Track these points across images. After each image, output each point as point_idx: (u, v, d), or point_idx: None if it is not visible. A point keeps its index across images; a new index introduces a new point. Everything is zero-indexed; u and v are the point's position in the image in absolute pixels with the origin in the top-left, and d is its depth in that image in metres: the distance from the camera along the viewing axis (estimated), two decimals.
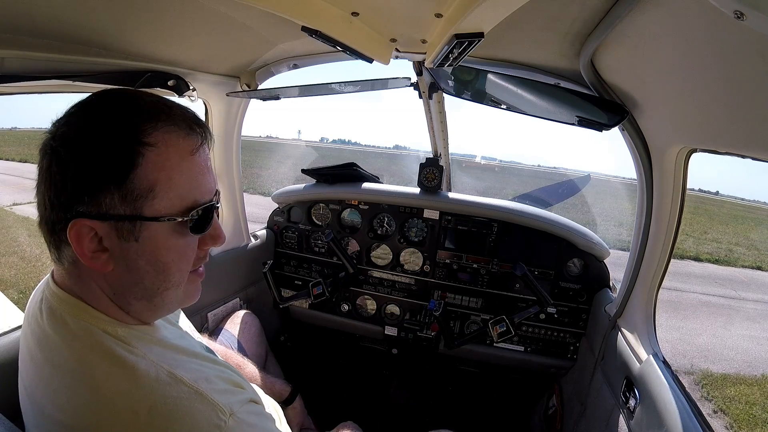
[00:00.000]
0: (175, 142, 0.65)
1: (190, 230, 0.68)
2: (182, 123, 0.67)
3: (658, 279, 1.32)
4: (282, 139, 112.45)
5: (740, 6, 0.49)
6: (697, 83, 0.83)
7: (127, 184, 0.61)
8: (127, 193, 0.62)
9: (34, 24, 0.82)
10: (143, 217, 0.63)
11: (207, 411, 0.64)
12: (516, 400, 2.23)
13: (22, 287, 4.91)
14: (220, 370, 0.78)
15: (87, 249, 0.62)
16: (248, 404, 0.73)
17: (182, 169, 0.66)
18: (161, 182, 0.63)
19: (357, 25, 0.92)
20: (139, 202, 0.62)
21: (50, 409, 0.65)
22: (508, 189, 19.77)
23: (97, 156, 0.61)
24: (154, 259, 0.66)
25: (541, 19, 0.93)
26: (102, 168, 0.61)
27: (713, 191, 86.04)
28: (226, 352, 1.38)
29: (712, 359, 4.87)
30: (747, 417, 3.87)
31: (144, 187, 0.62)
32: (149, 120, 0.63)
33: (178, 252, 0.68)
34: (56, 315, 0.67)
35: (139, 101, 0.66)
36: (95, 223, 0.62)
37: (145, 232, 0.64)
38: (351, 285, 2.11)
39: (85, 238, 0.62)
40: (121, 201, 0.62)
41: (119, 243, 0.64)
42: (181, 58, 1.25)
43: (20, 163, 17.37)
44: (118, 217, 0.62)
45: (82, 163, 0.60)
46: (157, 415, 0.61)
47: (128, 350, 0.66)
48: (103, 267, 0.64)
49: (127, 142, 0.61)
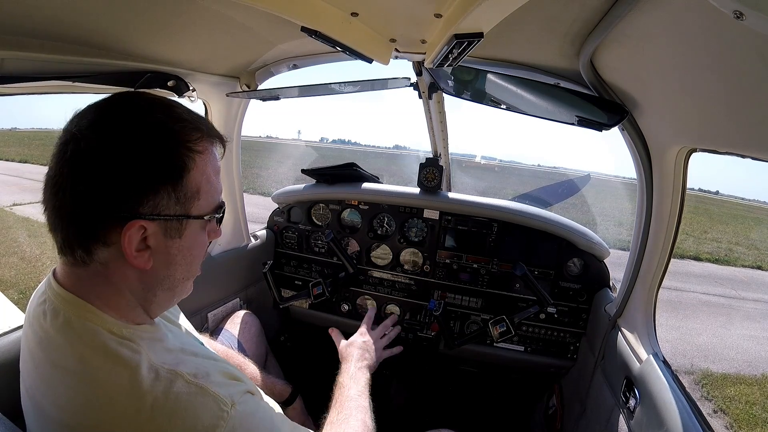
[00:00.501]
0: (212, 151, 0.75)
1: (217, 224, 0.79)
2: (215, 135, 0.76)
3: (658, 279, 1.32)
4: (282, 139, 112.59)
5: (740, 6, 0.49)
6: (697, 83, 0.83)
7: (180, 187, 0.68)
8: (180, 194, 0.69)
9: (34, 25, 0.82)
10: (190, 216, 0.71)
11: (209, 404, 0.65)
12: (516, 400, 2.23)
13: (22, 287, 4.90)
14: (219, 366, 0.79)
15: (133, 247, 0.66)
16: (246, 395, 0.74)
17: (215, 174, 0.76)
18: (203, 185, 0.72)
19: (356, 25, 0.92)
20: (189, 203, 0.70)
21: (51, 409, 0.65)
22: (508, 189, 19.77)
23: (153, 160, 0.66)
24: (189, 253, 0.74)
25: (541, 19, 0.93)
26: (160, 171, 0.66)
27: (713, 191, 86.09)
28: (227, 352, 1.38)
29: (712, 359, 4.87)
30: (747, 417, 3.87)
31: (193, 190, 0.70)
32: (195, 130, 0.71)
33: (202, 246, 0.78)
34: (60, 316, 0.67)
35: (177, 110, 0.73)
36: (148, 223, 0.66)
37: (188, 229, 0.72)
38: (351, 285, 2.11)
39: (135, 237, 0.66)
40: (176, 202, 0.68)
41: (164, 240, 0.69)
42: (180, 59, 1.25)
43: (20, 163, 17.38)
44: (171, 216, 0.68)
45: (137, 167, 0.64)
46: (159, 412, 0.62)
47: (132, 349, 0.66)
48: (145, 264, 0.68)
49: (181, 148, 0.68)
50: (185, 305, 1.01)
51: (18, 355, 0.75)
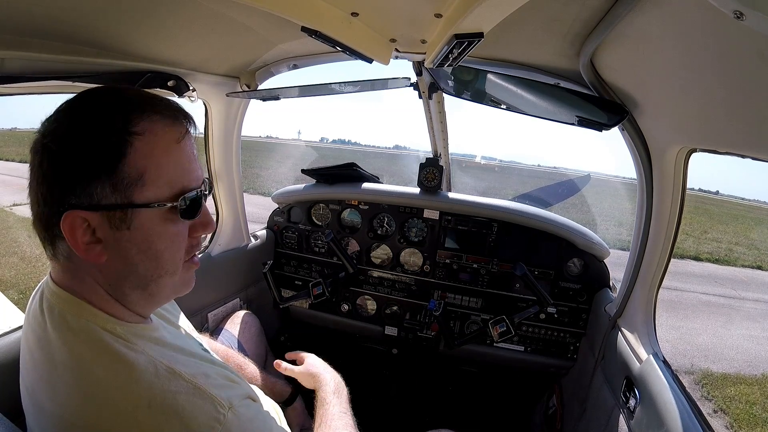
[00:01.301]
0: (161, 131, 0.67)
1: (180, 216, 0.69)
2: (167, 112, 0.68)
3: (658, 278, 1.32)
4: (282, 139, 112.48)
5: (740, 6, 0.49)
6: (697, 83, 0.83)
7: (117, 173, 0.63)
8: (117, 181, 0.63)
9: (35, 25, 0.82)
10: (134, 204, 0.64)
11: (206, 405, 0.65)
12: (516, 400, 2.23)
13: (22, 287, 4.90)
14: (218, 369, 0.79)
15: (81, 241, 0.63)
16: (245, 399, 0.74)
17: (169, 156, 0.67)
18: (150, 169, 0.65)
19: (357, 25, 0.92)
20: (130, 190, 0.64)
21: (51, 407, 0.65)
22: (508, 189, 19.76)
23: (86, 147, 0.62)
24: (146, 246, 0.67)
25: (541, 19, 0.93)
26: (92, 159, 0.62)
27: (713, 191, 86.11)
28: (227, 352, 1.38)
29: (712, 359, 4.87)
30: (747, 416, 3.87)
31: (133, 175, 0.64)
32: (135, 110, 0.65)
33: (169, 239, 0.69)
34: (56, 313, 0.67)
35: (125, 94, 0.68)
36: (88, 213, 0.63)
37: (136, 219, 0.65)
38: (351, 285, 2.11)
39: (78, 229, 0.63)
40: (112, 190, 0.63)
41: (112, 233, 0.65)
42: (180, 59, 1.25)
43: (20, 163, 17.36)
44: (110, 206, 0.63)
45: (72, 156, 0.62)
46: (156, 410, 0.62)
47: (127, 347, 0.66)
48: (98, 258, 0.65)
49: (115, 132, 0.63)
50: (185, 305, 1.01)
51: (18, 355, 0.75)
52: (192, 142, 0.73)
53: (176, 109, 0.71)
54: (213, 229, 0.79)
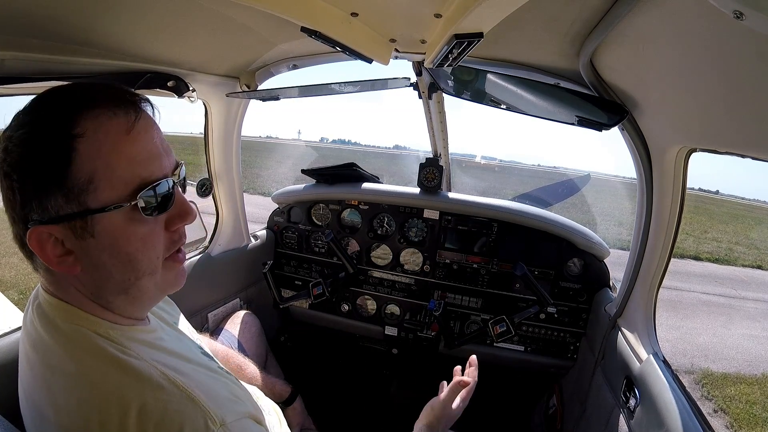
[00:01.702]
0: (105, 126, 0.61)
1: (144, 213, 0.64)
2: (107, 101, 0.62)
3: (658, 278, 1.32)
4: (282, 139, 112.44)
5: (740, 6, 0.49)
6: (697, 83, 0.83)
7: (66, 182, 0.59)
8: (68, 190, 0.60)
9: (34, 25, 0.82)
10: (90, 210, 0.61)
11: (197, 417, 0.63)
12: (516, 400, 2.23)
13: (22, 288, 4.90)
14: (218, 379, 0.77)
15: (52, 254, 0.62)
16: (245, 419, 0.71)
17: (119, 151, 0.62)
18: (99, 171, 0.60)
19: (356, 25, 0.92)
20: (83, 197, 0.60)
21: (48, 411, 0.65)
22: (508, 189, 19.75)
23: (33, 161, 0.59)
24: (116, 251, 0.64)
25: (541, 19, 0.93)
26: (40, 172, 0.59)
27: (713, 190, 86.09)
28: (227, 352, 1.38)
29: (712, 358, 4.87)
30: (747, 416, 3.87)
31: (83, 181, 0.60)
32: (74, 109, 0.60)
33: (140, 239, 0.66)
34: (48, 319, 0.67)
35: (66, 93, 0.63)
36: (50, 227, 0.61)
37: (98, 225, 0.62)
38: (351, 285, 2.11)
39: (46, 244, 0.62)
40: (65, 200, 0.60)
41: (78, 243, 0.63)
42: (180, 59, 1.25)
43: None
44: (67, 216, 0.61)
45: (23, 172, 0.59)
46: (145, 417, 0.60)
47: (120, 351, 0.65)
48: (72, 269, 0.64)
49: (57, 139, 0.59)
50: (185, 305, 1.01)
51: (17, 356, 0.75)
52: (151, 127, 0.67)
53: (120, 94, 0.65)
54: (193, 217, 0.72)
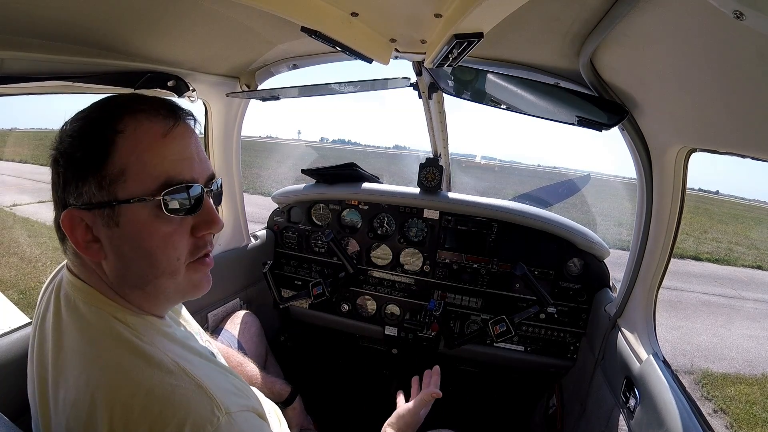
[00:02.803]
0: (145, 126, 0.67)
1: (166, 210, 0.67)
2: (150, 107, 0.69)
3: (658, 278, 1.32)
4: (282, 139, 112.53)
5: (740, 6, 0.49)
6: (697, 83, 0.83)
7: (102, 172, 0.65)
8: (102, 179, 0.65)
9: (34, 25, 0.82)
10: (118, 200, 0.66)
11: (204, 404, 0.64)
12: (516, 400, 2.23)
13: (22, 288, 4.90)
14: (223, 374, 0.78)
15: (81, 239, 0.67)
16: (248, 412, 0.72)
17: (154, 150, 0.67)
18: (132, 165, 0.66)
19: (356, 25, 0.92)
20: (113, 187, 0.65)
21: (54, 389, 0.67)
22: (508, 189, 19.76)
23: (78, 150, 0.66)
24: (137, 244, 0.68)
25: (541, 19, 0.93)
26: (82, 160, 0.66)
27: (713, 191, 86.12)
28: (227, 351, 1.39)
29: (712, 359, 4.87)
30: (747, 416, 3.87)
31: (116, 172, 0.65)
32: (120, 110, 0.68)
33: (161, 237, 0.68)
34: (71, 301, 0.71)
35: (117, 98, 0.71)
36: (82, 212, 0.66)
37: (123, 216, 0.66)
38: (351, 285, 2.11)
39: (77, 228, 0.67)
40: (98, 188, 0.65)
41: (106, 231, 0.67)
42: (180, 59, 1.25)
43: (20, 163, 17.37)
44: (98, 204, 0.66)
45: (68, 160, 0.66)
46: (153, 399, 0.62)
47: (135, 335, 0.68)
48: (97, 256, 0.69)
49: (100, 132, 0.66)
50: (185, 305, 1.01)
51: (19, 356, 0.75)
52: (189, 136, 0.72)
53: (163, 104, 0.71)
54: (220, 227, 0.75)
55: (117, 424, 0.60)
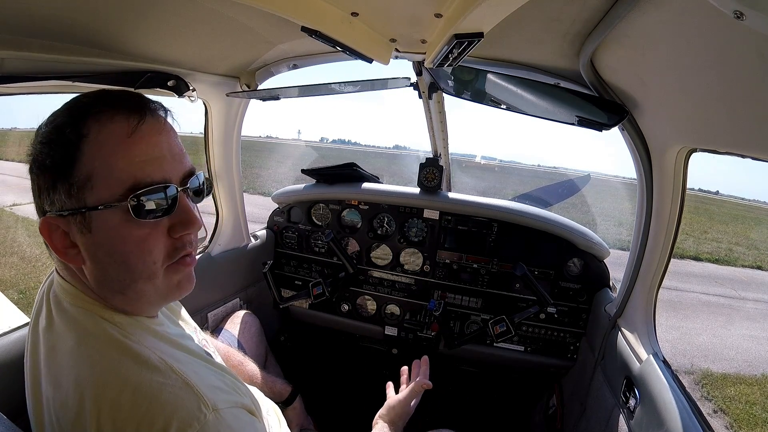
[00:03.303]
0: (108, 127, 0.64)
1: (135, 214, 0.64)
2: (113, 106, 0.66)
3: (658, 278, 1.32)
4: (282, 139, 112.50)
5: (740, 6, 0.49)
6: (697, 83, 0.83)
7: (69, 179, 0.64)
8: (70, 187, 0.64)
9: (34, 24, 0.82)
10: (87, 207, 0.64)
11: (191, 401, 0.64)
12: (516, 400, 2.23)
13: (22, 287, 4.90)
14: (215, 371, 0.78)
15: (59, 245, 0.67)
16: (237, 408, 0.72)
17: (119, 153, 0.64)
18: (97, 170, 0.64)
19: (357, 25, 0.92)
20: (81, 193, 0.64)
21: (48, 389, 0.67)
22: (508, 189, 19.77)
23: (47, 157, 0.65)
24: (111, 250, 0.67)
25: (541, 19, 0.93)
26: (51, 167, 0.65)
27: (713, 191, 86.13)
28: (228, 350, 1.39)
29: (712, 359, 4.87)
30: (747, 416, 3.87)
31: (83, 178, 0.64)
32: (84, 112, 0.65)
33: (134, 242, 0.66)
34: (60, 302, 0.71)
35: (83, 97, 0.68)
36: (57, 219, 0.66)
37: (94, 222, 0.65)
38: (351, 285, 2.11)
39: (54, 234, 0.67)
40: (68, 195, 0.64)
41: (81, 237, 0.67)
42: (180, 59, 1.25)
43: (20, 163, 17.36)
44: (69, 211, 0.65)
45: (40, 167, 0.66)
46: (140, 396, 0.62)
47: (123, 335, 0.68)
48: (76, 261, 0.68)
49: (65, 137, 0.64)
50: (185, 305, 1.01)
51: (18, 355, 0.75)
52: (158, 132, 0.68)
53: (128, 99, 0.67)
54: (198, 227, 0.72)
55: (104, 421, 0.60)
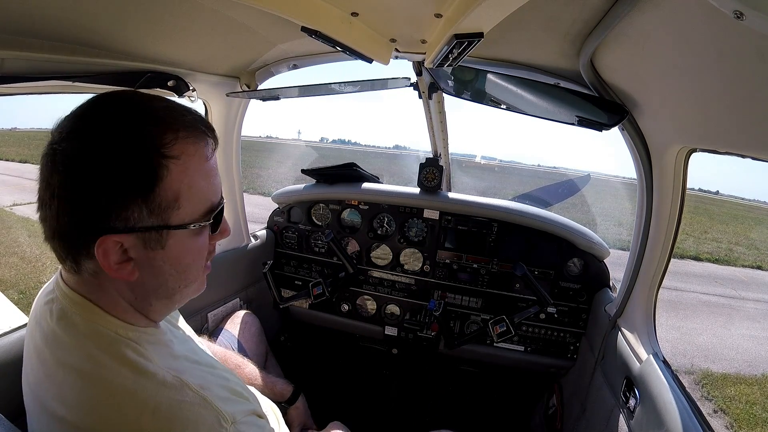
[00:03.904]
0: (194, 152, 0.66)
1: (212, 232, 0.72)
2: (198, 131, 0.68)
3: (658, 278, 1.32)
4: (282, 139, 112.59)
5: (740, 6, 0.49)
6: (697, 83, 0.83)
7: (153, 197, 0.62)
8: (154, 205, 0.63)
9: (34, 24, 0.82)
10: (170, 226, 0.65)
11: (210, 417, 0.65)
12: (516, 400, 2.23)
13: (22, 287, 4.90)
14: (223, 378, 0.79)
15: (112, 261, 0.63)
16: (250, 416, 0.74)
17: (201, 175, 0.68)
18: (184, 191, 0.65)
19: (357, 25, 0.92)
20: (166, 213, 0.64)
21: (55, 406, 0.65)
22: (508, 189, 19.77)
23: (121, 171, 0.60)
24: (177, 262, 0.69)
25: (541, 19, 0.93)
26: (127, 183, 0.61)
27: (713, 191, 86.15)
28: (225, 353, 1.38)
29: (712, 359, 4.87)
30: (747, 416, 3.87)
31: (170, 198, 0.64)
32: (169, 130, 0.64)
33: (196, 252, 0.72)
34: (67, 316, 0.68)
35: (151, 108, 0.65)
36: (122, 236, 0.62)
37: (170, 239, 0.66)
38: (351, 285, 2.11)
39: (111, 251, 0.62)
40: (149, 214, 0.63)
41: (145, 252, 0.65)
42: (181, 59, 1.25)
43: (20, 163, 17.37)
44: (145, 228, 0.63)
45: (105, 180, 0.60)
46: (160, 417, 0.62)
47: (138, 352, 0.67)
48: (129, 276, 0.66)
49: (150, 155, 0.61)
50: (185, 305, 1.01)
51: (18, 356, 0.75)
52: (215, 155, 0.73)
53: (203, 123, 0.70)
54: (228, 234, 0.78)
55: None
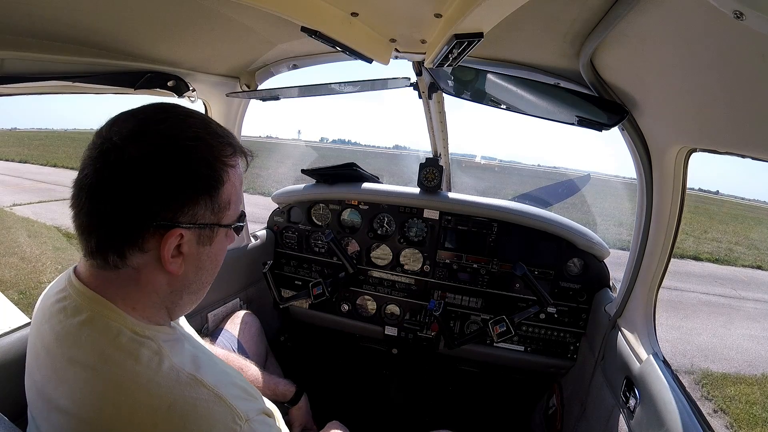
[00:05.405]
0: (238, 164, 0.78)
1: (236, 233, 0.81)
2: (242, 150, 0.80)
3: (658, 278, 1.32)
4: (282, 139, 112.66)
5: (740, 6, 0.49)
6: (697, 83, 0.83)
7: (216, 198, 0.72)
8: (215, 205, 0.73)
9: (34, 25, 0.82)
10: (221, 224, 0.75)
11: (225, 414, 0.66)
12: (516, 400, 2.23)
13: (22, 287, 4.90)
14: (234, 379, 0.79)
15: (170, 252, 0.69)
16: (261, 415, 0.75)
17: (239, 186, 0.79)
18: (233, 196, 0.76)
19: (357, 25, 0.92)
20: (221, 213, 0.74)
21: (65, 403, 0.65)
22: (508, 189, 19.76)
23: (195, 173, 0.69)
24: (215, 259, 0.79)
25: (541, 19, 0.93)
26: (202, 183, 0.70)
27: (713, 191, 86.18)
28: (227, 355, 1.38)
29: (712, 358, 4.87)
30: (747, 416, 3.87)
31: (225, 200, 0.74)
32: (228, 145, 0.75)
33: (224, 252, 0.82)
34: (82, 313, 0.68)
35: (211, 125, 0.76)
36: (186, 231, 0.70)
37: (217, 237, 0.76)
38: (351, 285, 2.11)
39: (172, 244, 0.69)
40: (211, 211, 0.72)
41: (196, 248, 0.73)
42: (180, 59, 1.25)
43: (20, 163, 17.38)
44: (205, 225, 0.72)
45: (179, 179, 0.68)
46: (175, 414, 0.63)
47: (152, 349, 0.68)
48: (177, 270, 0.71)
49: (218, 162, 0.73)
50: None
51: (19, 356, 0.75)
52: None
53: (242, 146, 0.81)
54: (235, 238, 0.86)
55: None
